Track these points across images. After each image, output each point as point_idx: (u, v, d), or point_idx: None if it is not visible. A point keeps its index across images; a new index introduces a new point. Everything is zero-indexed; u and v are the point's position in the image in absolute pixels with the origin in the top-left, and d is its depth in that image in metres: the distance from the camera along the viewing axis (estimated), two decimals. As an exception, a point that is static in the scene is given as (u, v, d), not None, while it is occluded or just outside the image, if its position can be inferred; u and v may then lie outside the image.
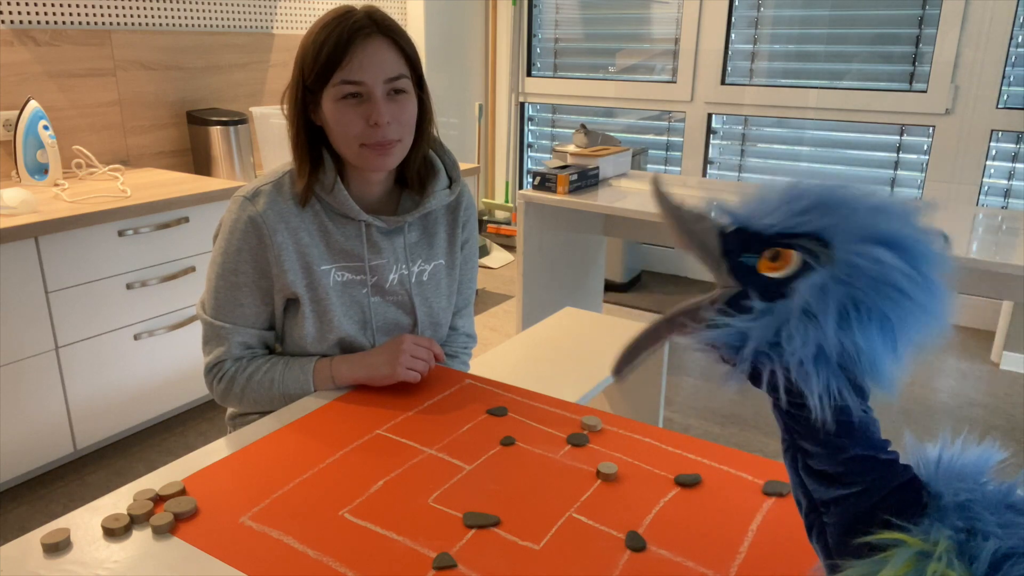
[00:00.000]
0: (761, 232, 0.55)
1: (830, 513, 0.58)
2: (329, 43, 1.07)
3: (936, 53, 3.15)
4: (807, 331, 0.52)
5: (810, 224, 0.53)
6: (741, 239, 0.56)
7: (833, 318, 0.51)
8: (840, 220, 0.53)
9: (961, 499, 0.52)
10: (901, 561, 0.50)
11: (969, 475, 0.54)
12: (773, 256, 0.54)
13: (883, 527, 0.54)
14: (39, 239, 1.93)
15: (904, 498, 0.55)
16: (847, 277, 0.51)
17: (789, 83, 3.55)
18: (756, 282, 0.55)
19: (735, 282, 0.56)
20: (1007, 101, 3.10)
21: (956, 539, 0.50)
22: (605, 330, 1.95)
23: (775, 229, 0.54)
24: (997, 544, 0.49)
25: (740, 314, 0.55)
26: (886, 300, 0.51)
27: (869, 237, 0.52)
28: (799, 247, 0.54)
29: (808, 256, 0.53)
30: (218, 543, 0.81)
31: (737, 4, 3.60)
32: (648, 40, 3.91)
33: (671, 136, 3.98)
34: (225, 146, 2.74)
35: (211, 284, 1.18)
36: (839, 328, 0.51)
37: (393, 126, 1.11)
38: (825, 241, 0.53)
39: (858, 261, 0.51)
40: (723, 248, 0.57)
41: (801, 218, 0.54)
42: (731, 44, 3.67)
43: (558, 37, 4.22)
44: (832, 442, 0.56)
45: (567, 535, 0.82)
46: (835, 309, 0.51)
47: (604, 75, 4.09)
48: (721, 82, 3.70)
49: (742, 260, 0.55)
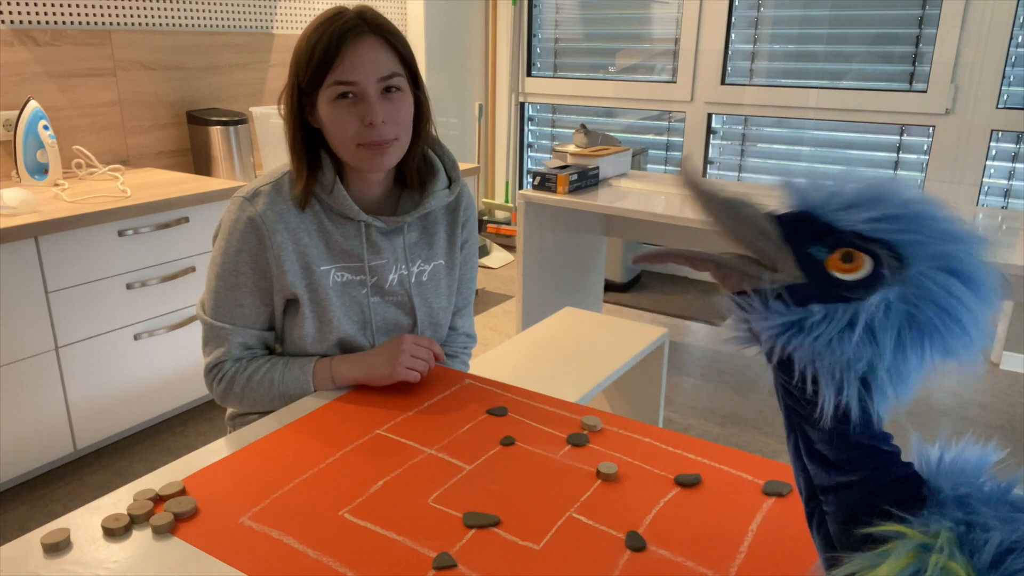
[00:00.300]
0: (834, 226, 0.53)
1: (829, 501, 0.58)
2: (321, 44, 1.07)
3: (936, 53, 3.15)
4: (861, 347, 0.51)
5: (888, 233, 0.52)
6: (809, 227, 0.54)
7: (892, 338, 0.51)
8: (919, 239, 0.52)
9: (960, 492, 0.52)
10: (903, 553, 0.50)
11: (969, 472, 0.54)
12: (846, 257, 0.52)
13: (882, 518, 0.54)
14: (39, 239, 1.93)
15: (903, 490, 0.55)
16: (915, 299, 0.51)
17: (789, 83, 3.55)
18: (820, 277, 0.53)
19: (800, 272, 0.53)
20: (1007, 101, 3.10)
21: (956, 532, 0.50)
22: (605, 330, 1.95)
23: (852, 228, 0.52)
24: (1000, 537, 0.49)
25: (794, 304, 0.53)
26: (944, 328, 0.51)
27: (944, 265, 0.51)
28: (873, 254, 0.52)
29: (881, 267, 0.52)
30: (218, 543, 0.81)
31: (737, 4, 3.60)
32: (648, 40, 3.91)
33: (671, 136, 3.98)
34: (225, 146, 2.74)
35: (211, 285, 1.18)
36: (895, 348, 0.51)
37: (389, 125, 1.11)
38: (899, 255, 0.52)
39: (931, 286, 0.51)
40: (785, 233, 0.54)
41: (879, 224, 0.52)
42: (731, 44, 3.67)
43: (558, 37, 4.22)
44: (834, 428, 0.56)
45: (567, 535, 0.82)
46: (895, 329, 0.51)
47: (604, 75, 4.09)
48: (721, 82, 3.70)
49: (811, 252, 0.53)
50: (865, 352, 0.51)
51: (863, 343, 0.51)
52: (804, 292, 0.53)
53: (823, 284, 0.53)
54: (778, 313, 0.53)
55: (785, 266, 0.54)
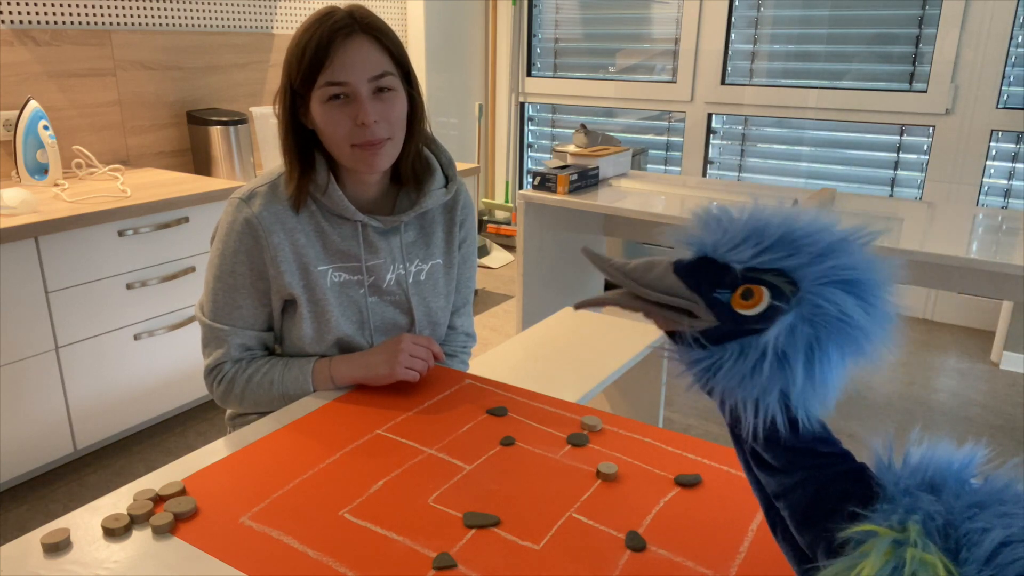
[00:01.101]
0: (730, 266, 0.57)
1: (783, 506, 0.60)
2: (311, 45, 1.07)
3: (936, 53, 3.15)
4: (776, 373, 0.55)
5: (777, 262, 0.56)
6: (709, 272, 0.58)
7: (802, 359, 0.55)
8: (800, 261, 0.55)
9: (903, 486, 0.55)
10: (880, 552, 0.51)
11: (928, 467, 0.56)
12: (745, 294, 0.56)
13: (835, 516, 0.56)
14: (39, 239, 1.93)
15: (850, 486, 0.57)
16: (812, 317, 0.54)
17: (789, 83, 3.55)
18: (729, 317, 0.57)
19: (713, 316, 0.57)
20: (1007, 101, 3.10)
21: (920, 521, 0.52)
22: (605, 330, 1.95)
23: (744, 264, 0.56)
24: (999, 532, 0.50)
25: (711, 345, 0.57)
26: (845, 337, 0.54)
27: (828, 279, 0.55)
28: (768, 284, 0.56)
29: (778, 295, 0.55)
30: (218, 543, 0.81)
31: (737, 4, 3.60)
32: (648, 40, 3.91)
33: (671, 136, 3.98)
34: (225, 146, 2.74)
35: (209, 286, 1.19)
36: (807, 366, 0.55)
37: (381, 125, 1.11)
38: (790, 278, 0.55)
39: (821, 303, 0.54)
40: (690, 283, 0.58)
41: (768, 256, 0.56)
42: (731, 44, 3.67)
43: (558, 37, 4.22)
44: (767, 437, 0.59)
45: (567, 535, 0.82)
46: (804, 350, 0.55)
47: (604, 75, 4.09)
48: (721, 82, 3.70)
49: (716, 296, 0.57)
50: (780, 377, 0.55)
51: (777, 369, 0.55)
52: (719, 333, 0.57)
53: (733, 323, 0.57)
54: (696, 356, 0.58)
55: (700, 312, 0.58)
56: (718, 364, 0.57)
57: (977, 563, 0.49)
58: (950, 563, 0.50)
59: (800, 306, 0.55)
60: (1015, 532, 0.50)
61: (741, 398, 0.57)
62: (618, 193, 2.64)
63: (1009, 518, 0.51)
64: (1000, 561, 0.49)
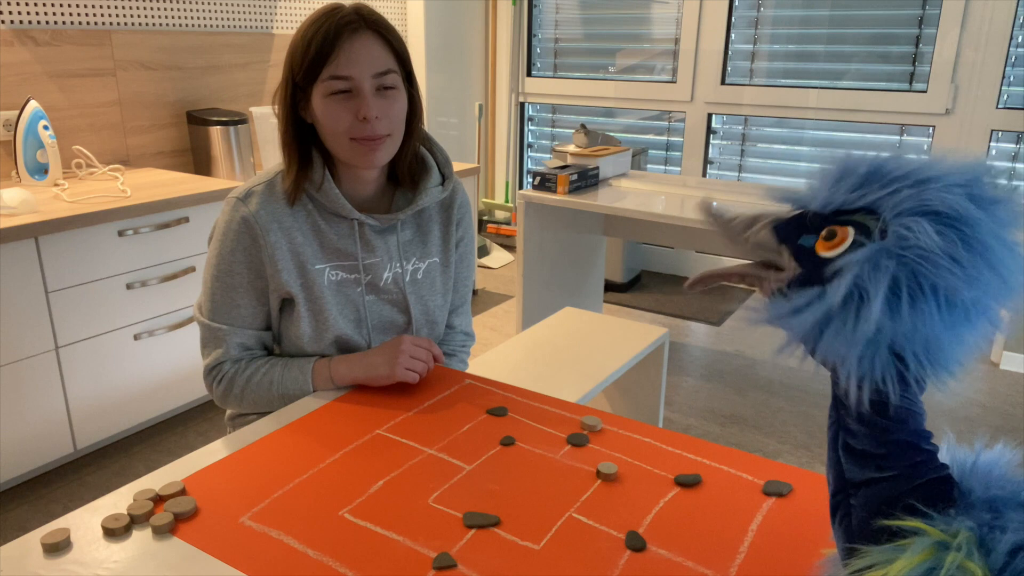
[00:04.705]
0: (819, 212, 0.55)
1: (859, 495, 0.57)
2: (317, 39, 1.07)
3: (936, 53, 3.15)
4: (850, 313, 0.50)
5: (863, 199, 0.53)
6: (799, 223, 0.56)
7: (883, 296, 0.49)
8: (887, 193, 0.52)
9: (990, 495, 0.52)
10: (919, 550, 0.50)
11: (1000, 476, 0.54)
12: (828, 235, 0.53)
13: (906, 514, 0.54)
14: (39, 239, 1.93)
15: (934, 490, 0.54)
16: (898, 250, 0.50)
17: (789, 83, 3.55)
18: (813, 263, 0.54)
19: (795, 264, 0.55)
20: (1007, 101, 3.10)
21: (978, 533, 0.50)
22: (605, 330, 1.95)
23: (832, 207, 0.54)
24: (1016, 537, 0.49)
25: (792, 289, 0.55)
26: (938, 272, 0.49)
27: (914, 209, 0.50)
28: (853, 223, 0.53)
29: (860, 231, 0.52)
30: (218, 543, 0.81)
31: (737, 4, 3.60)
32: (648, 40, 3.91)
33: (671, 136, 3.98)
34: (225, 146, 2.74)
35: (207, 286, 1.19)
36: (892, 309, 0.49)
37: (382, 121, 1.11)
38: (878, 215, 0.52)
39: (905, 233, 0.50)
40: (779, 236, 0.56)
41: (854, 194, 0.53)
42: (731, 44, 3.67)
43: (558, 37, 4.22)
44: (876, 423, 0.56)
45: (567, 535, 0.82)
46: (887, 286, 0.49)
47: (604, 75, 4.09)
48: (721, 82, 3.70)
49: (800, 243, 0.55)
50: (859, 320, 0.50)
51: (856, 312, 0.50)
52: (805, 280, 0.54)
53: (817, 268, 0.54)
54: (776, 307, 0.55)
55: (784, 262, 0.56)
56: (797, 307, 0.53)
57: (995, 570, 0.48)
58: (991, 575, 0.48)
59: (883, 242, 0.51)
60: None
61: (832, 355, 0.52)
62: (618, 193, 2.64)
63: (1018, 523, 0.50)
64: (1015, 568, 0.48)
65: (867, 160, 0.54)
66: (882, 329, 0.50)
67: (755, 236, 0.58)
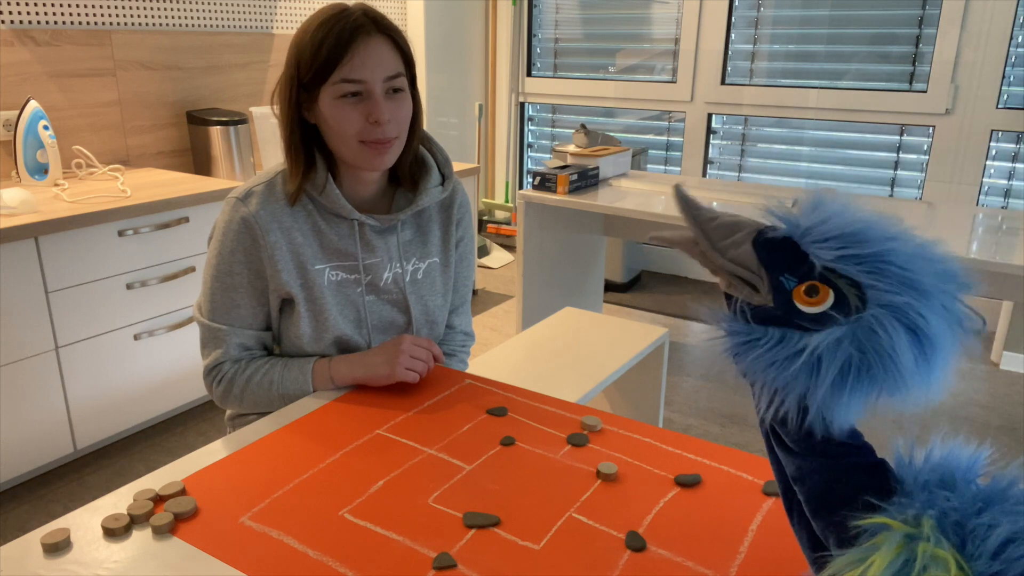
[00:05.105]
0: (809, 257, 0.55)
1: (800, 490, 0.60)
2: (329, 41, 1.07)
3: (936, 53, 3.15)
4: (802, 375, 0.54)
5: (857, 275, 0.54)
6: (786, 254, 0.56)
7: (833, 374, 0.53)
8: (880, 284, 0.53)
9: (923, 480, 0.55)
10: (892, 546, 0.51)
11: (944, 465, 0.56)
12: (809, 290, 0.55)
13: (850, 505, 0.56)
14: (39, 239, 1.93)
15: (867, 478, 0.57)
16: (865, 340, 0.53)
17: (789, 83, 3.55)
18: (785, 304, 0.56)
19: (771, 297, 0.56)
20: (1007, 101, 3.10)
21: (935, 517, 0.52)
22: (605, 330, 1.95)
23: (824, 262, 0.55)
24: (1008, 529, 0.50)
25: (756, 323, 0.57)
26: (886, 374, 0.53)
27: (900, 315, 0.52)
28: (837, 289, 0.54)
29: (841, 302, 0.54)
30: (218, 543, 0.81)
31: (737, 4, 3.60)
32: (648, 40, 3.91)
33: (671, 136, 3.98)
34: (225, 146, 2.74)
35: (207, 286, 1.19)
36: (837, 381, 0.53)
37: (392, 124, 1.12)
38: (863, 294, 0.54)
39: (880, 333, 0.52)
40: (764, 258, 0.57)
41: (852, 266, 0.54)
42: (731, 44, 3.67)
43: (558, 37, 4.22)
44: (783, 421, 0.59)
45: (567, 535, 0.82)
46: (839, 366, 0.53)
47: (604, 75, 4.09)
48: (721, 82, 3.70)
49: (782, 279, 0.56)
50: (804, 380, 0.54)
51: (805, 372, 0.54)
52: (768, 315, 0.57)
53: (786, 311, 0.56)
54: (736, 327, 0.57)
55: (761, 288, 0.57)
56: (752, 343, 0.56)
57: (984, 558, 0.49)
58: (962, 559, 0.50)
59: (856, 325, 0.53)
60: (1021, 529, 0.50)
61: (760, 383, 0.57)
62: (618, 193, 2.64)
63: (1015, 515, 0.51)
64: (1007, 556, 0.49)
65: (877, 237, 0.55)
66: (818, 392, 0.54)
67: (736, 251, 0.58)
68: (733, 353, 0.57)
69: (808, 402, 0.55)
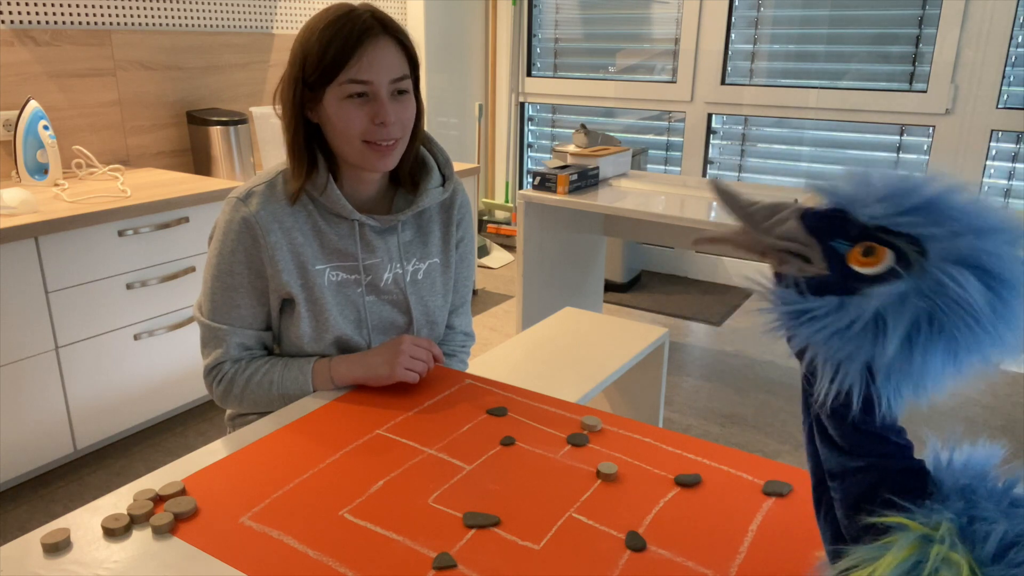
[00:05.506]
0: (860, 221, 0.53)
1: (836, 488, 0.58)
2: (336, 42, 1.07)
3: (936, 53, 3.15)
4: (866, 339, 0.51)
5: (911, 227, 0.51)
6: (837, 222, 0.54)
7: (901, 334, 0.50)
8: (940, 232, 0.50)
9: (961, 485, 0.53)
10: (904, 545, 0.51)
11: (976, 470, 0.55)
12: (866, 251, 0.52)
13: (886, 507, 0.54)
14: (39, 239, 1.93)
15: (909, 482, 0.55)
16: (932, 294, 0.50)
17: (789, 83, 3.55)
18: (840, 270, 0.53)
19: (825, 265, 0.53)
20: (1007, 101, 3.10)
21: (958, 523, 0.51)
22: (605, 330, 1.95)
23: (877, 222, 0.52)
24: (1005, 530, 0.49)
25: (812, 294, 0.53)
26: (962, 326, 0.49)
27: (966, 259, 0.50)
28: (895, 247, 0.51)
29: (901, 260, 0.51)
30: (218, 543, 0.81)
31: (737, 4, 3.60)
32: (648, 40, 3.91)
33: (671, 136, 3.98)
34: (225, 146, 2.74)
35: (207, 286, 1.19)
36: (906, 343, 0.50)
37: (397, 125, 1.12)
38: (922, 248, 0.51)
39: (947, 282, 0.49)
40: (812, 227, 0.54)
41: (905, 218, 0.51)
42: (731, 44, 3.67)
43: (558, 37, 4.22)
44: (843, 414, 0.56)
45: (567, 535, 0.82)
46: (908, 324, 0.50)
47: (604, 75, 4.09)
48: (721, 82, 3.70)
49: (833, 245, 0.53)
50: (870, 347, 0.51)
51: (869, 336, 0.51)
52: (825, 284, 0.53)
53: (843, 277, 0.53)
54: (790, 298, 0.54)
55: (814, 258, 0.54)
56: (811, 313, 0.53)
57: (986, 561, 0.49)
58: (976, 565, 0.49)
59: (921, 278, 0.50)
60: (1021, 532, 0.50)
61: (823, 357, 0.53)
62: (618, 193, 2.64)
63: (1017, 518, 0.51)
64: (1009, 560, 0.49)
65: (925, 187, 0.52)
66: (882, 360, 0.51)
67: (782, 225, 0.55)
68: (788, 327, 0.54)
69: (876, 370, 0.51)
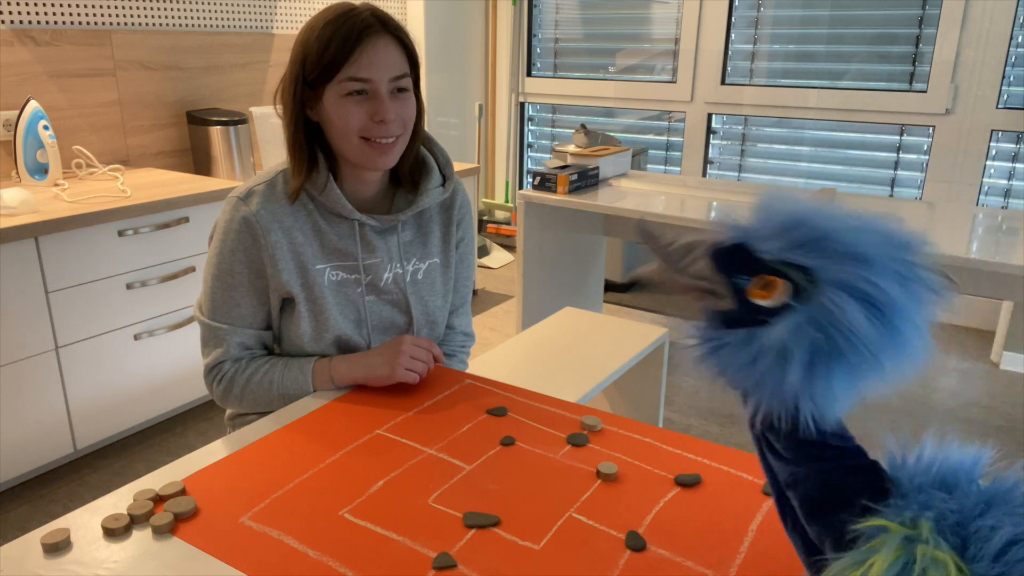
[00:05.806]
0: (757, 256, 0.57)
1: (793, 496, 0.60)
2: (336, 40, 1.07)
3: (936, 53, 3.15)
4: (773, 368, 0.55)
5: (804, 259, 0.55)
6: (738, 258, 0.58)
7: (801, 362, 0.53)
8: (825, 263, 0.54)
9: (918, 482, 0.54)
10: (891, 548, 0.51)
11: (944, 466, 0.56)
12: (763, 284, 0.56)
13: (846, 508, 0.56)
14: (39, 239, 1.93)
15: (859, 480, 0.57)
16: (824, 321, 0.53)
17: (789, 83, 3.55)
18: (744, 304, 0.57)
19: (731, 299, 0.58)
20: (1007, 101, 3.10)
21: (932, 519, 0.52)
22: (605, 330, 1.95)
23: (773, 255, 0.56)
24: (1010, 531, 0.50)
25: (723, 328, 0.58)
26: (851, 350, 0.53)
27: (848, 287, 0.53)
28: (789, 278, 0.55)
29: (793, 292, 0.55)
30: (218, 543, 0.81)
31: (737, 4, 3.60)
32: (648, 40, 3.91)
33: (671, 136, 3.98)
34: (225, 146, 2.74)
35: (207, 285, 1.19)
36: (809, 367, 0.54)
37: (396, 123, 1.12)
38: (815, 278, 0.54)
39: (833, 309, 0.53)
40: (718, 264, 0.58)
41: (797, 251, 0.55)
42: (731, 44, 3.67)
43: (558, 37, 4.22)
44: (776, 427, 0.59)
45: (567, 535, 0.82)
46: (807, 351, 0.53)
47: (604, 75, 4.09)
48: (721, 82, 3.70)
49: (735, 280, 0.57)
50: (777, 373, 0.55)
51: (776, 364, 0.54)
52: (732, 317, 0.58)
53: (747, 310, 0.57)
54: (706, 334, 0.59)
55: (723, 294, 0.59)
56: (721, 346, 0.57)
57: (987, 560, 0.49)
58: (961, 561, 0.50)
59: (812, 307, 0.54)
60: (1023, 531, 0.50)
61: (741, 386, 0.57)
62: (618, 193, 2.64)
63: (1018, 517, 0.51)
64: (1009, 558, 0.49)
65: (817, 219, 0.56)
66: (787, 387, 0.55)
67: (694, 266, 0.60)
68: (707, 360, 0.58)
69: (788, 396, 0.55)
